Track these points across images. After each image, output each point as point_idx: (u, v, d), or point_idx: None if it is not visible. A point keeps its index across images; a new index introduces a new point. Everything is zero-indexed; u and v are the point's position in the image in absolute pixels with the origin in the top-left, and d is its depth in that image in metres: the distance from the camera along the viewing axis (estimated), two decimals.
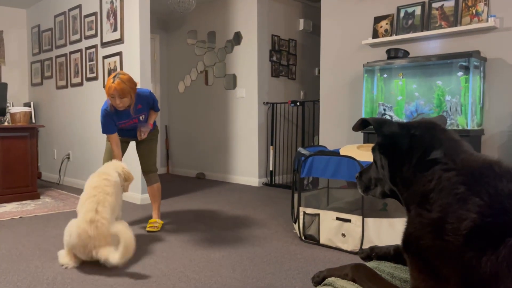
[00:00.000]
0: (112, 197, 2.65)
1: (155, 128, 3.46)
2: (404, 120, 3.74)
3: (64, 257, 2.51)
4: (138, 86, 3.18)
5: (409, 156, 0.97)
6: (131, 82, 2.98)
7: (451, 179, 0.88)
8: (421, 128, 0.99)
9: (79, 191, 5.16)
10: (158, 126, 3.46)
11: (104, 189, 2.63)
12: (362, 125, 1.06)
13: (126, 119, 3.16)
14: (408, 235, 0.92)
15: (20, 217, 3.78)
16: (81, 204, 2.59)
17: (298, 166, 3.01)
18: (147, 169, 3.41)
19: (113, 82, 2.91)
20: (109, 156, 3.25)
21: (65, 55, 5.57)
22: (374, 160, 1.10)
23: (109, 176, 2.77)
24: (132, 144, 3.74)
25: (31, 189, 4.63)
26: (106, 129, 3.12)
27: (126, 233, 2.29)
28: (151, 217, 3.59)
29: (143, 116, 3.23)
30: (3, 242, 3.00)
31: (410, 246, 0.91)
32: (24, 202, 4.48)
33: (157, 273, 2.39)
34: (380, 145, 1.02)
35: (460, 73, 3.39)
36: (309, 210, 2.97)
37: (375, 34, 4.15)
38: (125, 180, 2.95)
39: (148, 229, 3.30)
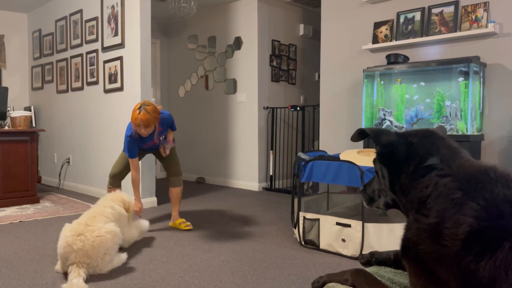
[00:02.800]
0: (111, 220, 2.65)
1: None
2: (404, 124, 3.75)
3: (58, 263, 2.50)
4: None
5: (407, 164, 0.98)
6: (155, 112, 3.13)
7: (447, 184, 0.88)
8: (419, 136, 1.01)
9: (79, 195, 5.16)
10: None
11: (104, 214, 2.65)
12: (360, 135, 1.06)
13: (149, 141, 3.32)
14: (406, 241, 0.93)
15: (20, 221, 3.78)
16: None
17: (298, 171, 3.01)
18: (174, 172, 3.52)
19: (139, 113, 3.06)
20: (120, 167, 3.40)
21: (66, 59, 5.59)
22: (375, 171, 1.10)
23: (114, 206, 2.80)
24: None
25: (31, 193, 4.63)
26: (131, 154, 3.27)
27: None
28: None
29: (163, 136, 3.40)
30: (2, 247, 2.99)
31: (408, 251, 0.91)
32: (23, 206, 4.48)
33: (156, 278, 2.39)
34: (379, 155, 1.03)
35: (460, 79, 3.40)
36: (309, 215, 2.96)
37: (375, 40, 4.17)
38: (126, 210, 2.96)
39: (185, 228, 3.45)
